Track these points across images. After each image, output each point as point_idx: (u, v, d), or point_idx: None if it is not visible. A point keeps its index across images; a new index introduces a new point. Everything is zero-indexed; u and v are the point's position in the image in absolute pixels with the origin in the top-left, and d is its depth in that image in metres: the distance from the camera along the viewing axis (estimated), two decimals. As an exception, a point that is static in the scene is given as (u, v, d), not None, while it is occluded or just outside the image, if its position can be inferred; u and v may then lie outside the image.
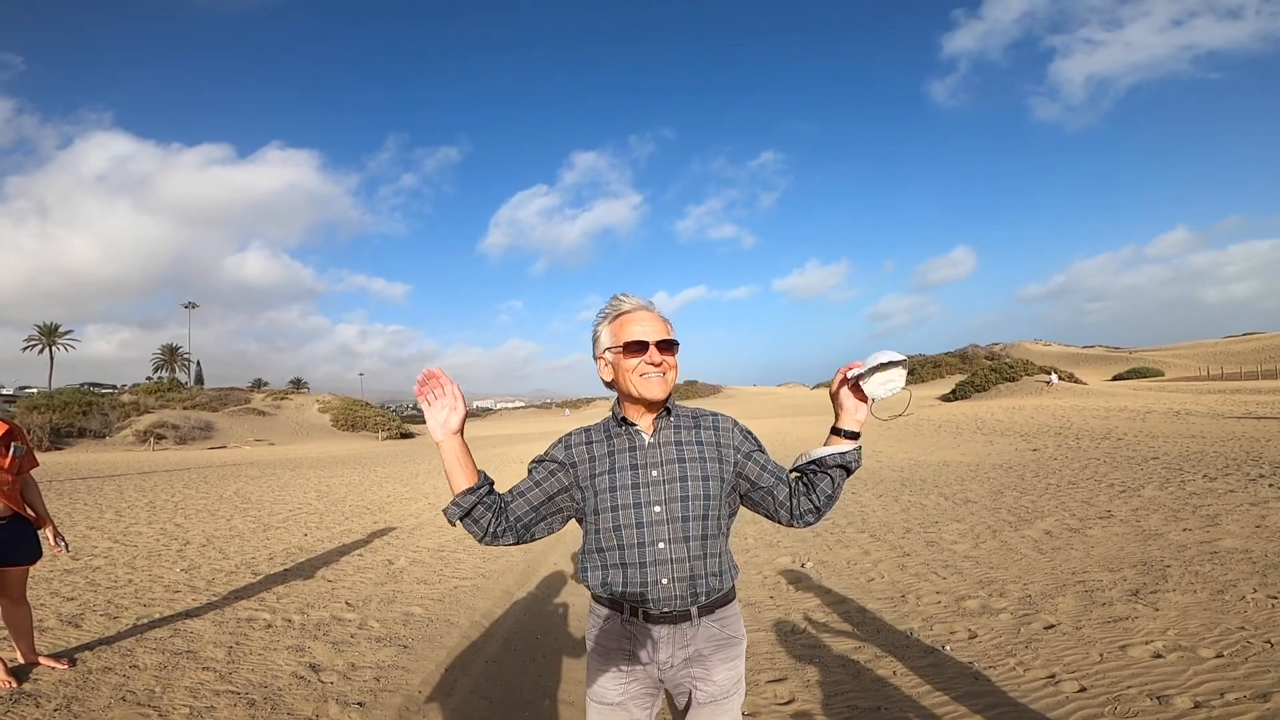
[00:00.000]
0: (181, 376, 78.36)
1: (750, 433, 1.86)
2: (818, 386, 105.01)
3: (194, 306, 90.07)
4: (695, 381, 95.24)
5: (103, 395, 47.43)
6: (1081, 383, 43.45)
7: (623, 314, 1.78)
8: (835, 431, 1.78)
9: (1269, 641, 3.58)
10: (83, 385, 55.99)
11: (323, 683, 3.72)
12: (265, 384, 72.68)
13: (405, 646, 4.36)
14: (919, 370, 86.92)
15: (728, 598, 1.76)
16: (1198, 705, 3.01)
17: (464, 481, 1.72)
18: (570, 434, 1.87)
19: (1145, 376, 60.67)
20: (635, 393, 1.74)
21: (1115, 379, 59.65)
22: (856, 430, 1.76)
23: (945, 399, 44.05)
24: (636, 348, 1.73)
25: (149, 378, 74.74)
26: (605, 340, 1.80)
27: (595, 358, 1.84)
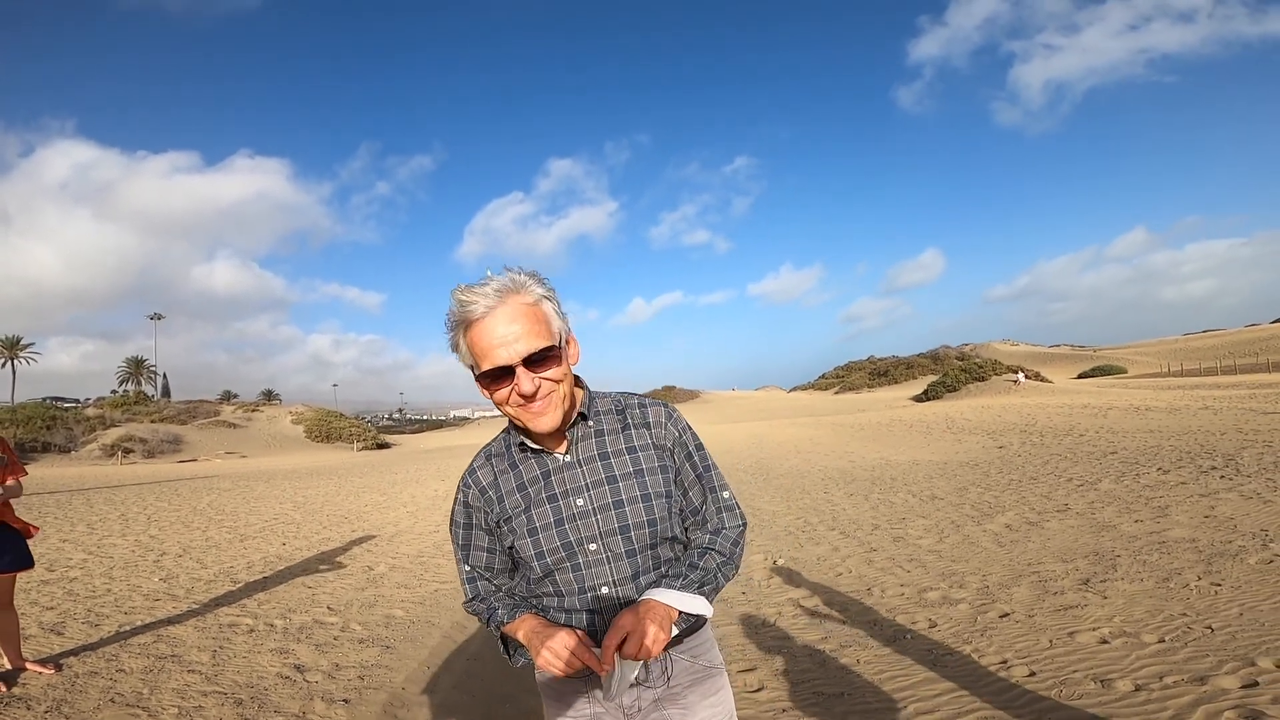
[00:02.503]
0: (148, 389, 76.79)
1: (690, 428, 1.47)
2: (794, 390, 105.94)
3: (160, 318, 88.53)
4: (673, 387, 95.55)
5: (66, 409, 46.44)
6: (1048, 381, 44.46)
7: (471, 321, 1.25)
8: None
9: (1209, 627, 3.77)
10: (45, 399, 54.79)
11: (308, 682, 3.82)
12: (235, 396, 71.77)
13: (388, 647, 4.46)
14: (892, 372, 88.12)
15: (698, 624, 1.39)
16: (1138, 688, 3.17)
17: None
18: (470, 466, 1.46)
19: (1109, 374, 62.16)
20: (522, 426, 1.34)
21: (1080, 377, 61.09)
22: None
23: (917, 399, 44.77)
24: (497, 377, 1.26)
25: (114, 391, 73.21)
26: (464, 356, 1.31)
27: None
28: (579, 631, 1.29)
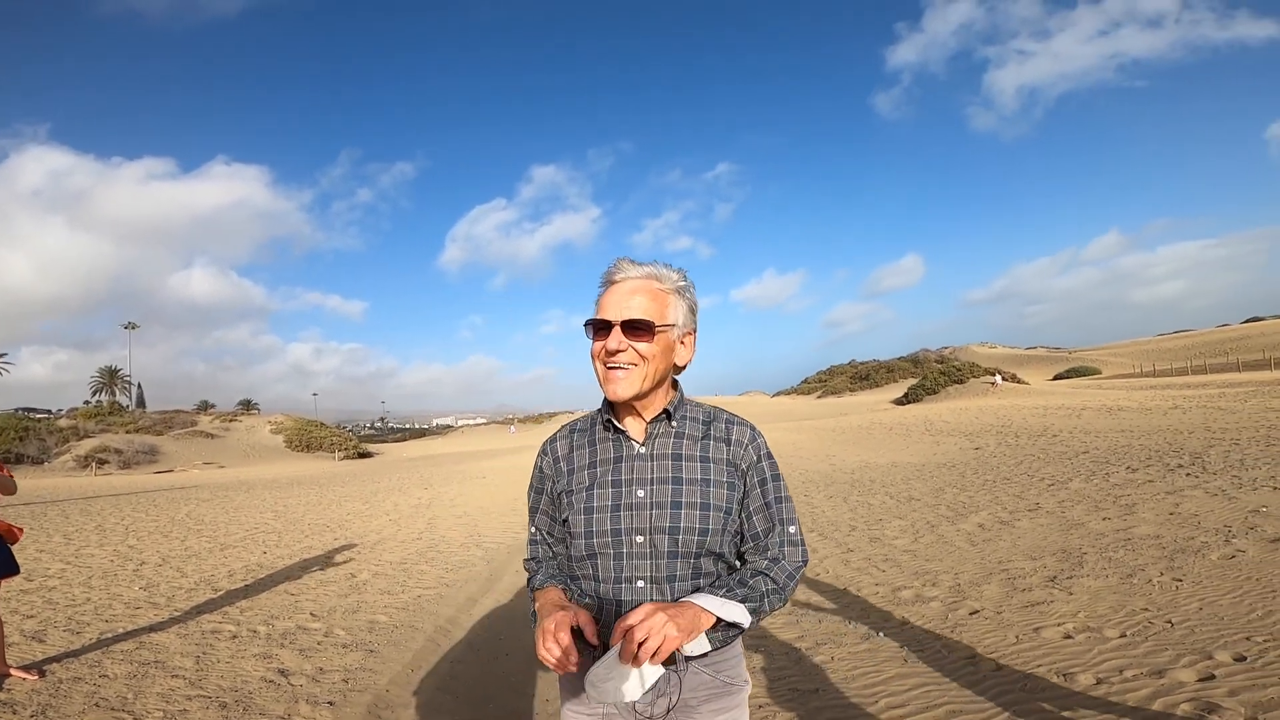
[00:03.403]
0: (122, 399, 75.67)
1: (770, 455, 1.48)
2: (778, 395, 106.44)
3: (134, 327, 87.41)
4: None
5: (39, 420, 45.76)
6: (1024, 383, 45.09)
7: (610, 284, 1.42)
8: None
9: (1169, 621, 3.90)
10: (17, 410, 53.94)
11: (292, 686, 3.87)
12: (212, 406, 70.95)
13: (372, 651, 4.52)
14: (874, 375, 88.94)
15: (729, 639, 1.36)
16: (1099, 681, 3.28)
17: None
18: (553, 435, 1.57)
19: (1084, 375, 63.06)
20: (601, 387, 1.42)
21: (1056, 378, 61.91)
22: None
23: (898, 402, 45.23)
24: (596, 329, 1.40)
25: (87, 401, 72.04)
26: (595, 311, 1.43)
27: None
28: (586, 621, 1.28)
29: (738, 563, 1.47)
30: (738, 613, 1.28)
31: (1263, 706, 2.85)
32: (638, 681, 1.19)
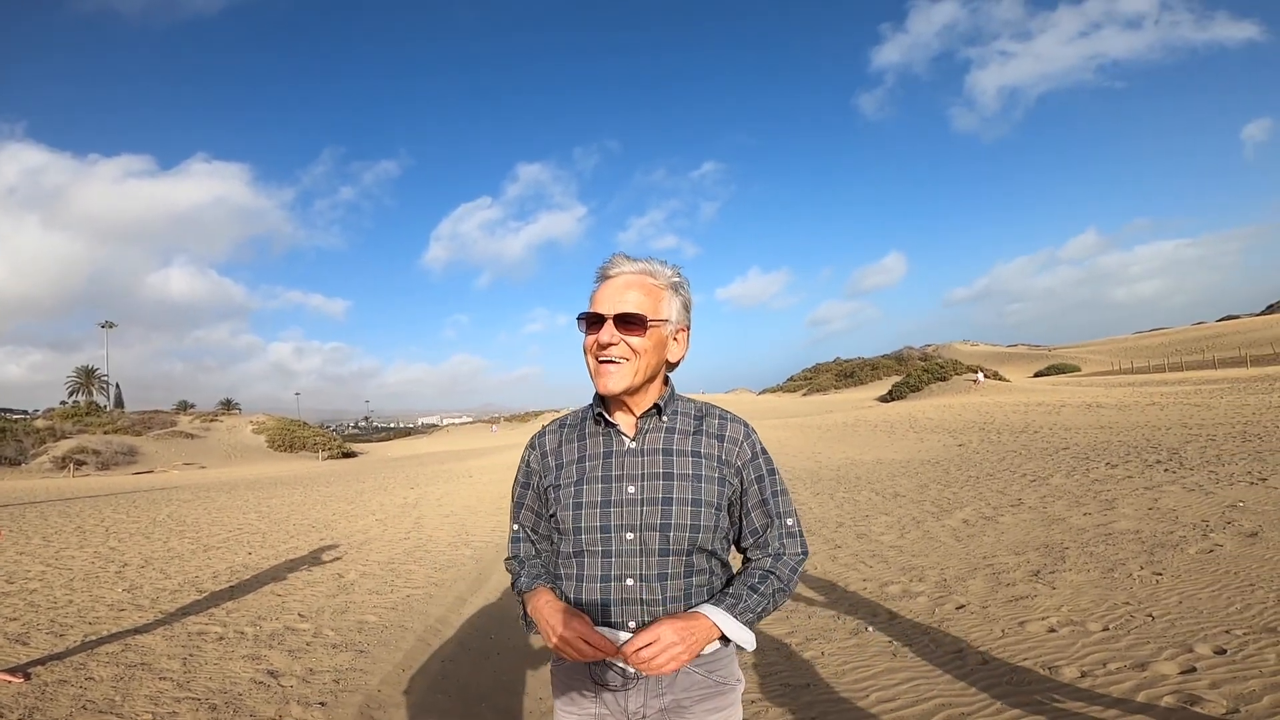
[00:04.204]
0: (100, 400, 74.46)
1: (765, 451, 1.48)
2: (764, 392, 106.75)
3: (111, 326, 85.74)
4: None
5: (15, 421, 45.01)
6: (1005, 380, 45.56)
7: (605, 278, 1.42)
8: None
9: (1150, 615, 3.96)
10: (-8, 410, 53.03)
11: (282, 687, 3.84)
12: (192, 406, 70.00)
13: (362, 651, 4.49)
14: (858, 373, 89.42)
15: (720, 638, 1.36)
16: (1083, 675, 3.33)
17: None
18: (542, 429, 1.54)
19: (1063, 372, 63.94)
20: (592, 380, 1.40)
21: (1036, 375, 62.71)
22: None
23: (882, 400, 45.53)
24: (589, 322, 1.39)
25: (63, 402, 70.85)
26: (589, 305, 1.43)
27: None
28: (585, 618, 1.31)
29: (731, 559, 1.48)
30: (748, 640, 1.32)
31: (1244, 698, 2.90)
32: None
